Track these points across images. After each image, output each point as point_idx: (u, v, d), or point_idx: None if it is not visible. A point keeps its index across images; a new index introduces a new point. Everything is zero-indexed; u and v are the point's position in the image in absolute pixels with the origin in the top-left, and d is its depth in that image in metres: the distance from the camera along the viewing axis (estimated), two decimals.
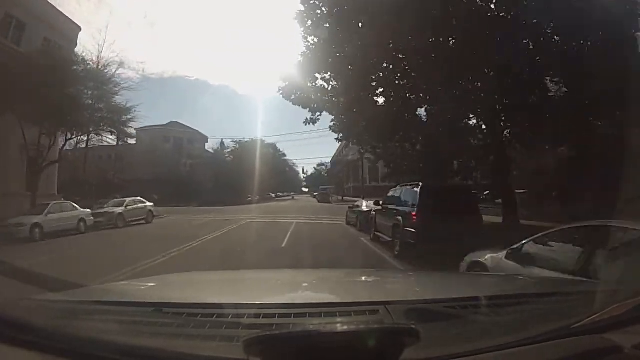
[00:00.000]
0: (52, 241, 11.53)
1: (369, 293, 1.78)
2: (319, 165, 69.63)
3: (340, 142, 19.59)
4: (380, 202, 10.33)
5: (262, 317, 1.15)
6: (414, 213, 7.47)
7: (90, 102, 17.45)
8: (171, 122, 50.71)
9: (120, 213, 16.16)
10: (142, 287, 1.87)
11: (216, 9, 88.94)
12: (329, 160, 69.05)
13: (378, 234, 9.87)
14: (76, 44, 20.58)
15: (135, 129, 42.05)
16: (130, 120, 20.53)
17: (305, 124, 13.81)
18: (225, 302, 1.30)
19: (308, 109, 13.46)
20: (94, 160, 40.43)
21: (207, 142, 53.94)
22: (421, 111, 13.37)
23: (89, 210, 15.08)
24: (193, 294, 1.68)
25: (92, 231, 14.15)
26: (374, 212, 10.77)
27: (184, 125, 51.18)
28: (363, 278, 2.34)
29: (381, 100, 12.64)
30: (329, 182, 60.52)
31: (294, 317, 1.14)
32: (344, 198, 46.85)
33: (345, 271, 3.50)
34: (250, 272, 3.88)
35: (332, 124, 15.30)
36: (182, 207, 31.06)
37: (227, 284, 2.08)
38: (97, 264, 7.47)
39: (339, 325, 1.06)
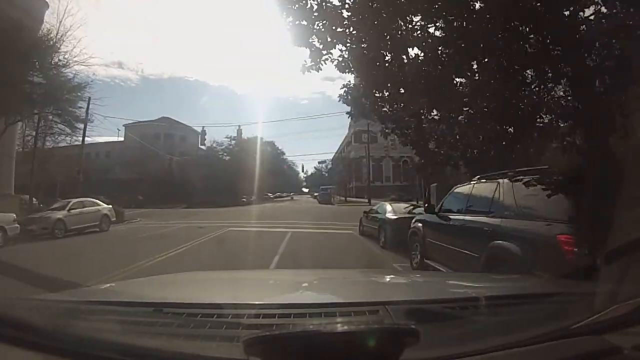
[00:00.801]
0: None
1: (369, 293, 1.78)
2: (320, 162, 65.46)
3: (350, 118, 13.75)
4: (436, 208, 6.30)
5: (262, 317, 1.16)
6: (564, 237, 3.32)
7: (23, 72, 13.85)
8: (162, 117, 47.61)
9: (59, 219, 12.51)
10: (142, 287, 1.88)
11: (213, 10, 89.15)
12: (330, 157, 66.66)
13: (430, 262, 5.86)
14: (42, 22, 17.82)
15: (123, 125, 41.37)
16: (79, 98, 17.29)
17: (303, 73, 8.94)
18: (225, 302, 1.31)
19: (309, 50, 8.44)
20: (75, 159, 40.00)
21: (201, 138, 51.28)
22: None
23: (12, 215, 11.50)
24: (193, 293, 1.68)
25: (13, 244, 10.56)
26: (419, 225, 6.64)
27: (176, 121, 47.85)
28: (363, 278, 2.34)
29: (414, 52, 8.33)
30: (330, 182, 58.09)
31: (294, 317, 1.15)
32: (347, 199, 44.74)
33: (345, 271, 3.51)
34: (250, 272, 3.89)
35: (343, 90, 10.66)
36: (168, 209, 28.58)
37: (227, 283, 2.09)
38: None
39: (339, 325, 1.06)
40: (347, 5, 7.42)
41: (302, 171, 70.12)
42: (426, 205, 7.75)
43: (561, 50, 6.64)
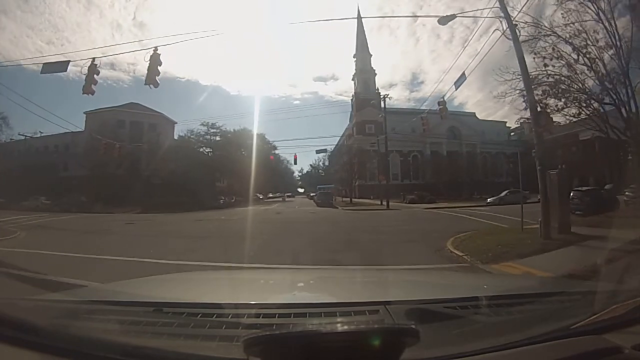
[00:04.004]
0: None
1: (369, 293, 1.78)
2: (318, 151, 52.12)
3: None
4: None
5: (262, 317, 1.16)
6: None
7: None
8: (129, 103, 40.83)
9: None
10: (143, 287, 1.88)
11: (206, 12, 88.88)
12: (324, 147, 55.01)
13: None
14: None
15: (84, 112, 37.63)
16: None
17: None
18: (225, 301, 1.31)
19: None
20: (36, 152, 35.99)
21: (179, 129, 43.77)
22: None
23: None
24: (193, 293, 1.69)
25: None
26: None
27: (145, 107, 40.42)
28: (363, 278, 2.34)
29: None
30: (328, 181, 50.67)
31: (293, 317, 1.15)
32: (353, 200, 36.05)
33: (345, 271, 3.51)
34: (250, 272, 3.91)
35: None
36: (113, 214, 23.20)
37: (227, 283, 2.09)
38: None
39: (339, 325, 1.06)
40: None
41: (295, 163, 58.09)
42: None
43: None
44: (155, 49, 10.75)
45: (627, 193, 14.75)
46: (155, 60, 10.76)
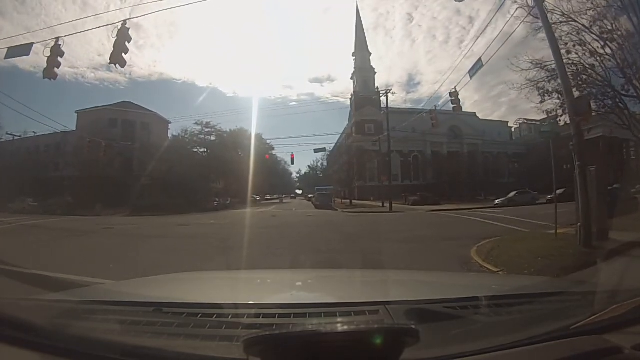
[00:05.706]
0: None
1: (369, 293, 1.78)
2: (316, 150, 51.66)
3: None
4: None
5: (262, 317, 1.16)
6: None
7: None
8: (122, 101, 40.28)
9: None
10: (142, 287, 1.88)
11: (201, 15, 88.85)
12: (321, 147, 55.10)
13: None
14: None
15: (76, 111, 37.03)
16: None
17: None
18: (225, 301, 1.31)
19: None
20: (26, 152, 35.35)
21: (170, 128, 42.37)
22: None
23: None
24: (193, 294, 1.69)
25: None
26: None
27: (139, 105, 39.85)
28: (363, 278, 2.35)
29: None
30: (327, 182, 47.98)
31: (293, 317, 1.15)
32: (353, 202, 34.59)
33: (345, 271, 3.51)
34: (250, 272, 3.90)
35: None
36: (96, 216, 22.30)
37: (227, 283, 2.09)
38: None
39: (339, 325, 1.06)
40: None
41: (292, 163, 58.04)
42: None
43: None
44: (124, 23, 9.22)
45: None
46: (123, 36, 9.23)
